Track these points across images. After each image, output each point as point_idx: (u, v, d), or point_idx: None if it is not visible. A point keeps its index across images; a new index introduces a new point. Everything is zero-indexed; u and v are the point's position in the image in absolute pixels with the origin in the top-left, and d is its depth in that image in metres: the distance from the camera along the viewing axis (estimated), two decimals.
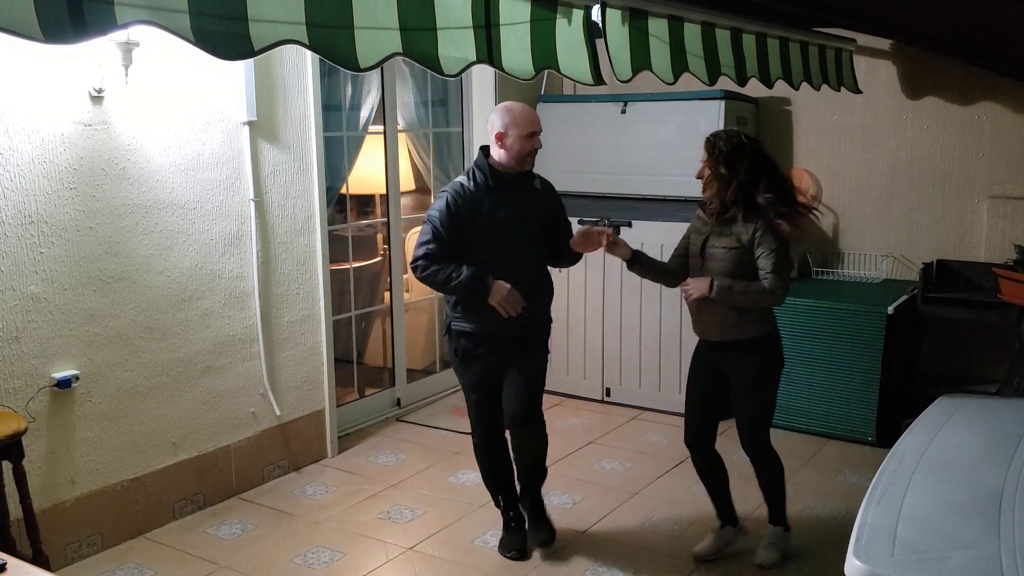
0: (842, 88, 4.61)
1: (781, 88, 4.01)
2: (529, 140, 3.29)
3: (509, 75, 2.44)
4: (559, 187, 5.73)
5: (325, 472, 4.44)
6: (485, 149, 3.39)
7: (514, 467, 3.60)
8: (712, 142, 3.23)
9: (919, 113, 5.04)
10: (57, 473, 3.48)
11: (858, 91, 4.75)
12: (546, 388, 5.58)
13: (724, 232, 3.26)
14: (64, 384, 3.43)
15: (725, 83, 3.58)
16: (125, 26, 1.66)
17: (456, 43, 2.24)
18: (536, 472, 3.61)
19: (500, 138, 3.27)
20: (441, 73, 2.23)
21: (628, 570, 3.49)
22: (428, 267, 3.28)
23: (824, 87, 4.38)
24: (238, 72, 3.92)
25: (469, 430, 3.66)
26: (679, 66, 3.10)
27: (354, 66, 2.03)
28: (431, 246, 3.29)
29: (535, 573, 3.47)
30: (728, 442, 4.81)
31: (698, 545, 3.58)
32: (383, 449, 4.76)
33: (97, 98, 3.44)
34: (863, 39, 4.77)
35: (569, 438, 4.91)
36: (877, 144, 5.17)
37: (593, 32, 2.62)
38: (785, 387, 4.87)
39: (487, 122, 3.31)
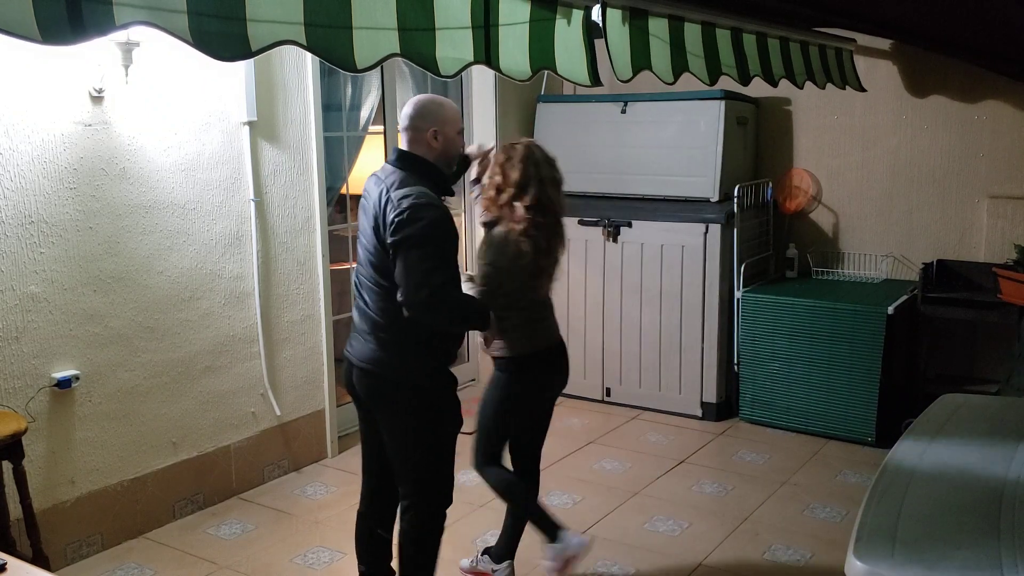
0: (847, 87, 4.61)
1: (782, 88, 4.01)
2: (460, 138, 2.88)
3: (506, 76, 2.44)
4: None
5: (325, 472, 4.44)
6: (404, 152, 2.80)
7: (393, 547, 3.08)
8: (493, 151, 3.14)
9: (919, 113, 5.04)
10: (57, 473, 3.48)
11: (862, 89, 4.75)
12: None
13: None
14: (64, 384, 3.43)
15: (726, 83, 3.58)
16: (123, 27, 1.65)
17: (454, 44, 2.23)
18: None
19: (435, 136, 2.76)
20: (438, 74, 2.23)
21: (628, 570, 3.49)
22: (448, 298, 2.67)
23: (829, 86, 4.38)
24: (238, 72, 3.92)
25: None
26: (679, 66, 3.09)
27: (351, 67, 2.02)
28: (445, 272, 2.66)
29: (535, 574, 3.47)
30: (731, 442, 4.82)
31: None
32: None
33: (97, 98, 3.44)
34: (863, 39, 4.77)
35: (569, 438, 4.91)
36: (877, 144, 5.17)
37: (593, 32, 2.61)
38: (785, 387, 4.90)
39: (407, 117, 2.79)
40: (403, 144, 2.82)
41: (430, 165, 2.78)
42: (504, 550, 3.35)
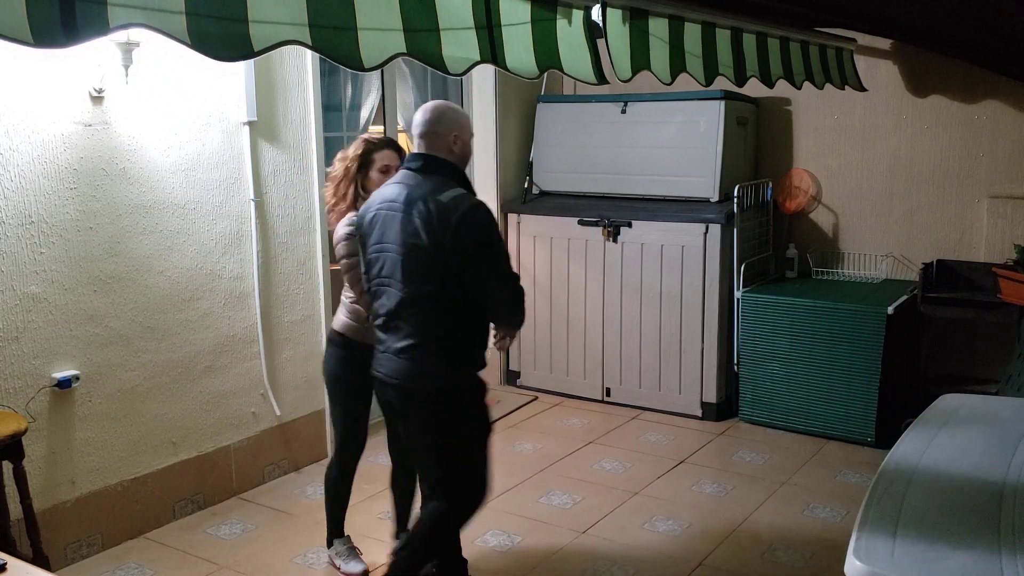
0: (846, 87, 4.61)
1: (781, 88, 4.01)
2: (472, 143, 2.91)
3: (514, 74, 2.44)
4: (559, 187, 5.79)
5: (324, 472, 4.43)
6: (431, 156, 2.75)
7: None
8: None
9: (919, 113, 5.04)
10: (57, 473, 3.48)
11: (863, 88, 4.74)
12: (547, 388, 5.66)
13: None
14: (64, 384, 3.43)
15: (724, 83, 3.57)
16: (117, 29, 1.63)
17: (460, 43, 2.23)
18: None
19: (455, 141, 2.77)
20: (447, 72, 2.23)
21: (628, 570, 3.49)
22: (522, 291, 2.82)
23: (828, 86, 4.38)
24: (238, 72, 3.92)
25: None
26: (677, 66, 3.09)
27: (358, 66, 2.02)
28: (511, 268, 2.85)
29: (535, 574, 3.47)
30: (731, 442, 4.82)
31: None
32: (383, 449, 4.72)
33: (97, 98, 3.44)
34: (863, 39, 4.77)
35: (569, 438, 4.91)
36: (877, 144, 5.17)
37: (594, 32, 2.61)
38: (785, 387, 4.91)
39: (427, 122, 2.75)
40: (421, 149, 2.77)
41: (456, 168, 2.77)
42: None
